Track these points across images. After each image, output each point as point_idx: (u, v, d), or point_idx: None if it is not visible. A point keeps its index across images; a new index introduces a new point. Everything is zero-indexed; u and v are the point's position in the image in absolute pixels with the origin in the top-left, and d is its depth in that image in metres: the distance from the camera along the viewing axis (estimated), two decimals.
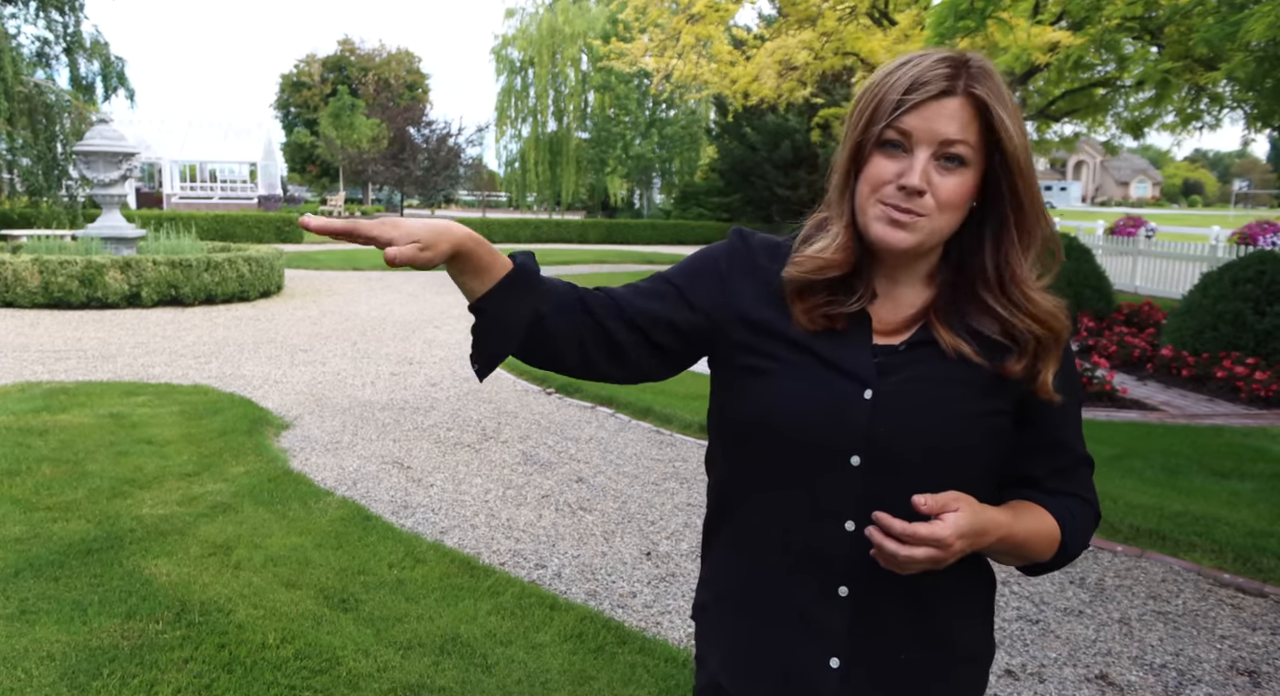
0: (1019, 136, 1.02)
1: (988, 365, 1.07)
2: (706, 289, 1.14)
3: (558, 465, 5.14)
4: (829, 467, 1.05)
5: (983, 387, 1.07)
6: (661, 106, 34.88)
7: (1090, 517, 1.16)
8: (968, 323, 1.08)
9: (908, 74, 1.02)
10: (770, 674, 1.13)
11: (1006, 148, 1.02)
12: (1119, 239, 15.64)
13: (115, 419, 5.70)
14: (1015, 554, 1.09)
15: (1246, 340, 7.65)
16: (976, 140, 1.02)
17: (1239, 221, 20.06)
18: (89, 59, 19.60)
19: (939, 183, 1.02)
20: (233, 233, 22.86)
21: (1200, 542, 3.97)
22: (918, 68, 1.02)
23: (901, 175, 1.02)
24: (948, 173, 1.02)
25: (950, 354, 1.07)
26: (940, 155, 1.02)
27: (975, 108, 1.01)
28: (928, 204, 1.02)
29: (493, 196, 52.23)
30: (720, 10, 13.43)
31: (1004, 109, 1.01)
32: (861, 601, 1.08)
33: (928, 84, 1.01)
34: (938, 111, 1.01)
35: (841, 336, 1.10)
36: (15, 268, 10.75)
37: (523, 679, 2.81)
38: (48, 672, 2.75)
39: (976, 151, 1.02)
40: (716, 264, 1.16)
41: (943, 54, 1.04)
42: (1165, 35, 9.71)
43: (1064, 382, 1.11)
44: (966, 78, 1.01)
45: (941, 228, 1.05)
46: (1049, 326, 1.07)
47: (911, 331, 1.10)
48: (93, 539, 3.78)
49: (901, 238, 1.04)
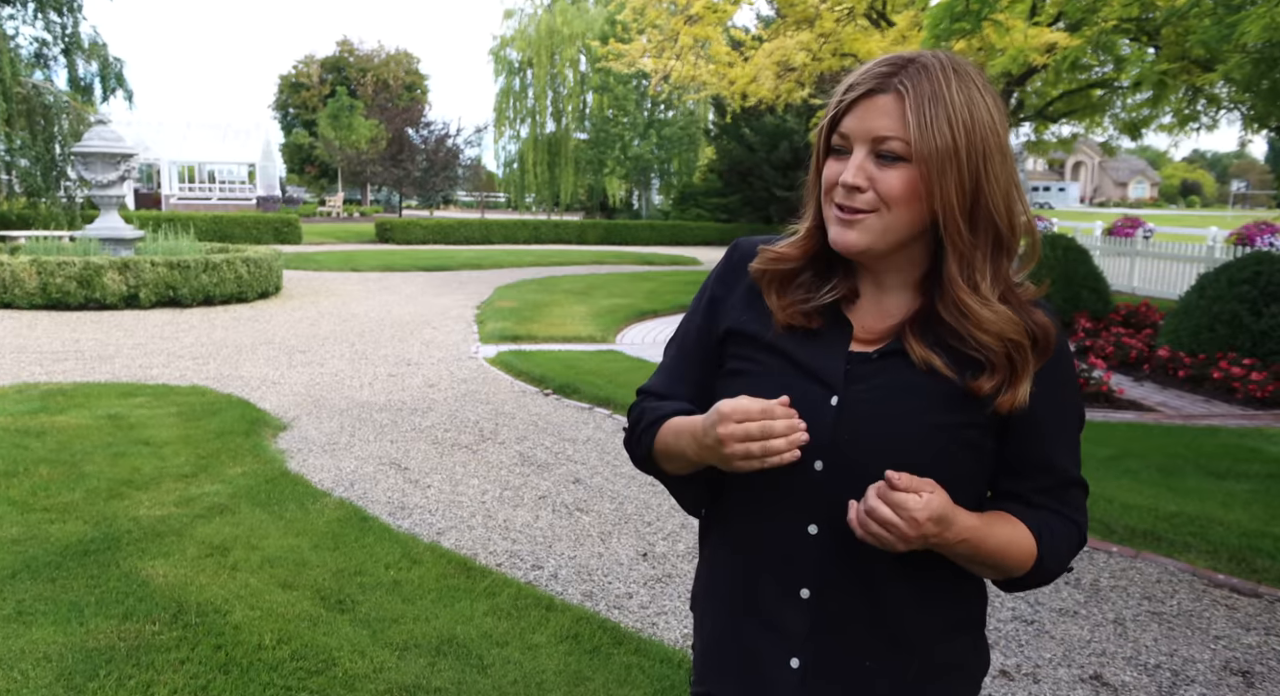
0: (948, 131, 1.00)
1: (958, 379, 1.05)
2: (706, 323, 1.21)
3: (555, 466, 5.15)
4: (793, 471, 1.06)
5: (951, 400, 1.06)
6: (660, 107, 34.88)
7: (1074, 537, 1.13)
8: (944, 336, 1.07)
9: (851, 78, 1.05)
10: (735, 669, 1.15)
11: (914, 141, 1.00)
12: (1117, 240, 15.66)
13: (113, 420, 5.70)
14: (986, 562, 1.07)
15: (1243, 341, 7.66)
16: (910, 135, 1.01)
17: (1236, 222, 20.07)
18: (87, 60, 19.61)
19: (878, 177, 1.03)
20: (231, 234, 22.84)
21: (1195, 543, 3.98)
22: (861, 72, 1.05)
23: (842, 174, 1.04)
24: (887, 167, 1.02)
25: (920, 366, 1.06)
26: (876, 152, 1.03)
27: (905, 101, 1.01)
28: (869, 199, 1.03)
29: (491, 197, 52.20)
30: (718, 11, 13.44)
31: (932, 103, 1.00)
32: (823, 604, 1.09)
33: (861, 84, 1.03)
34: (869, 109, 1.02)
35: (819, 340, 1.11)
36: (13, 269, 10.75)
37: (518, 679, 2.82)
38: (44, 674, 2.75)
39: (913, 146, 1.02)
40: (710, 290, 1.22)
41: (891, 57, 1.04)
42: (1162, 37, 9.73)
43: (1057, 400, 1.09)
44: (901, 75, 1.01)
45: (893, 226, 1.04)
46: (1001, 338, 1.04)
47: (889, 340, 1.10)
48: (90, 540, 3.78)
49: (852, 238, 1.05)
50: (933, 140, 1.00)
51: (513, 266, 18.84)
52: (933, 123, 1.00)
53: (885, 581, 1.08)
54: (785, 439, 0.99)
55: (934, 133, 1.00)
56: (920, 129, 1.00)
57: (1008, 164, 1.05)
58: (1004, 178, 1.04)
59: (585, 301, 12.58)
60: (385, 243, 25.43)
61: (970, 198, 1.03)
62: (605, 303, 12.47)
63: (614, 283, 15.38)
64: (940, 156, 1.00)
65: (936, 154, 1.00)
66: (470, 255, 21.14)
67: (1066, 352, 1.11)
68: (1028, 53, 8.24)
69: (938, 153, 1.00)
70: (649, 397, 1.23)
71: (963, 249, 1.04)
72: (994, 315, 1.04)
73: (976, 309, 1.03)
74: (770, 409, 1.00)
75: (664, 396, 1.21)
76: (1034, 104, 13.97)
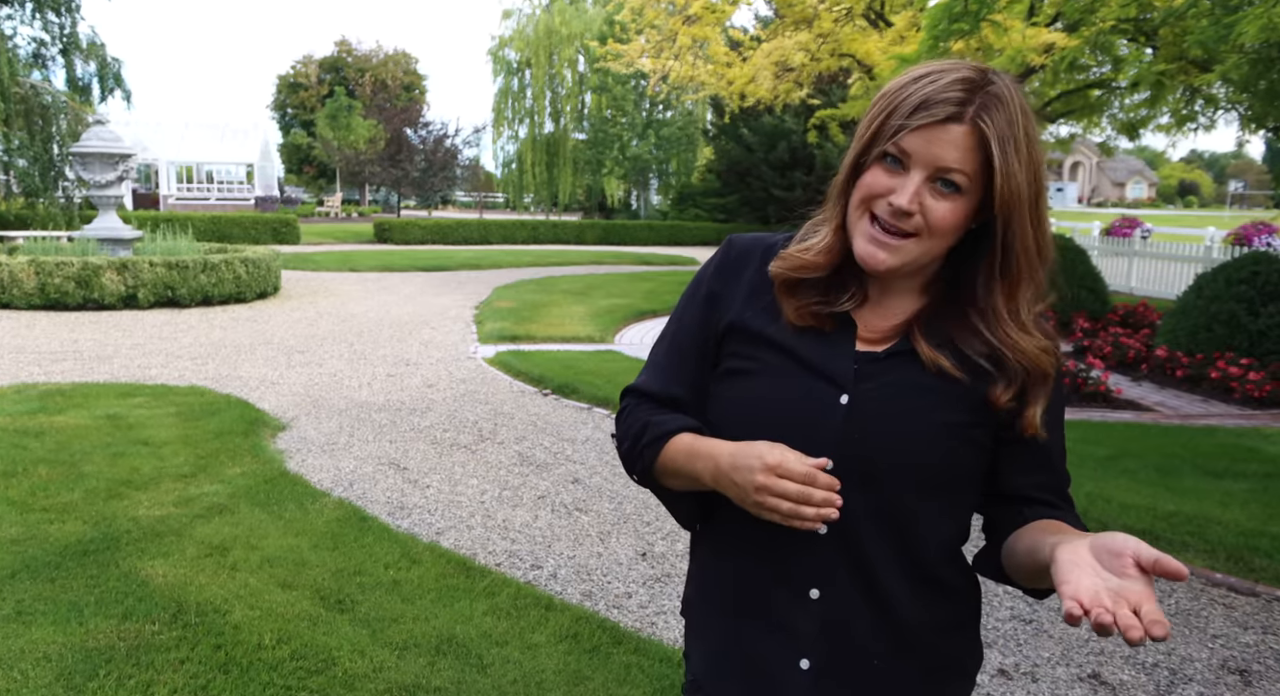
0: (1021, 174, 1.00)
1: (968, 380, 1.06)
2: (703, 318, 1.18)
3: (554, 466, 5.15)
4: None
5: (959, 400, 1.06)
6: (658, 107, 34.88)
7: None
8: (952, 339, 1.08)
9: (921, 91, 1.00)
10: (742, 672, 1.14)
11: (999, 187, 1.00)
12: (1115, 240, 15.69)
13: (111, 420, 5.70)
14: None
15: (1241, 341, 7.68)
16: (975, 170, 1.00)
17: (1234, 222, 20.11)
18: (85, 60, 19.61)
19: (931, 206, 1.01)
20: (229, 234, 22.83)
21: (1193, 542, 3.99)
22: (932, 86, 1.00)
23: (893, 192, 1.02)
24: (942, 197, 1.01)
25: (929, 366, 1.07)
26: (935, 178, 1.01)
27: (979, 137, 0.99)
28: (916, 223, 1.02)
29: (490, 197, 52.21)
30: (717, 12, 13.44)
31: (1010, 145, 0.99)
32: (832, 605, 1.09)
33: (936, 107, 0.99)
34: (940, 136, 0.99)
35: (826, 339, 1.10)
36: (11, 269, 10.74)
37: (518, 679, 2.82)
38: (44, 673, 2.75)
39: (974, 181, 1.01)
40: (707, 285, 1.19)
41: (963, 74, 1.01)
42: (1160, 37, 9.74)
43: (1056, 409, 1.11)
44: (979, 105, 0.99)
45: (928, 251, 1.04)
46: (1034, 365, 1.06)
47: (895, 340, 1.10)
48: (89, 540, 3.78)
49: (882, 259, 1.04)
50: (1012, 187, 1.00)
51: (511, 266, 18.84)
52: (1010, 166, 0.99)
53: (891, 580, 1.08)
54: (816, 511, 0.98)
55: (1013, 179, 0.99)
56: (1004, 176, 0.99)
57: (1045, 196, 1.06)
58: (1046, 211, 1.06)
59: (584, 301, 12.58)
60: (383, 243, 25.41)
61: (1020, 238, 1.04)
62: (604, 303, 12.47)
63: (612, 283, 15.38)
64: (1020, 201, 1.01)
65: (1017, 200, 1.00)
66: (468, 255, 21.14)
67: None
68: (1026, 53, 8.24)
69: (1017, 198, 1.00)
70: (643, 401, 1.19)
71: (1015, 286, 1.06)
72: (1034, 345, 1.06)
73: (1021, 342, 1.06)
74: (814, 475, 0.98)
75: (657, 397, 1.18)
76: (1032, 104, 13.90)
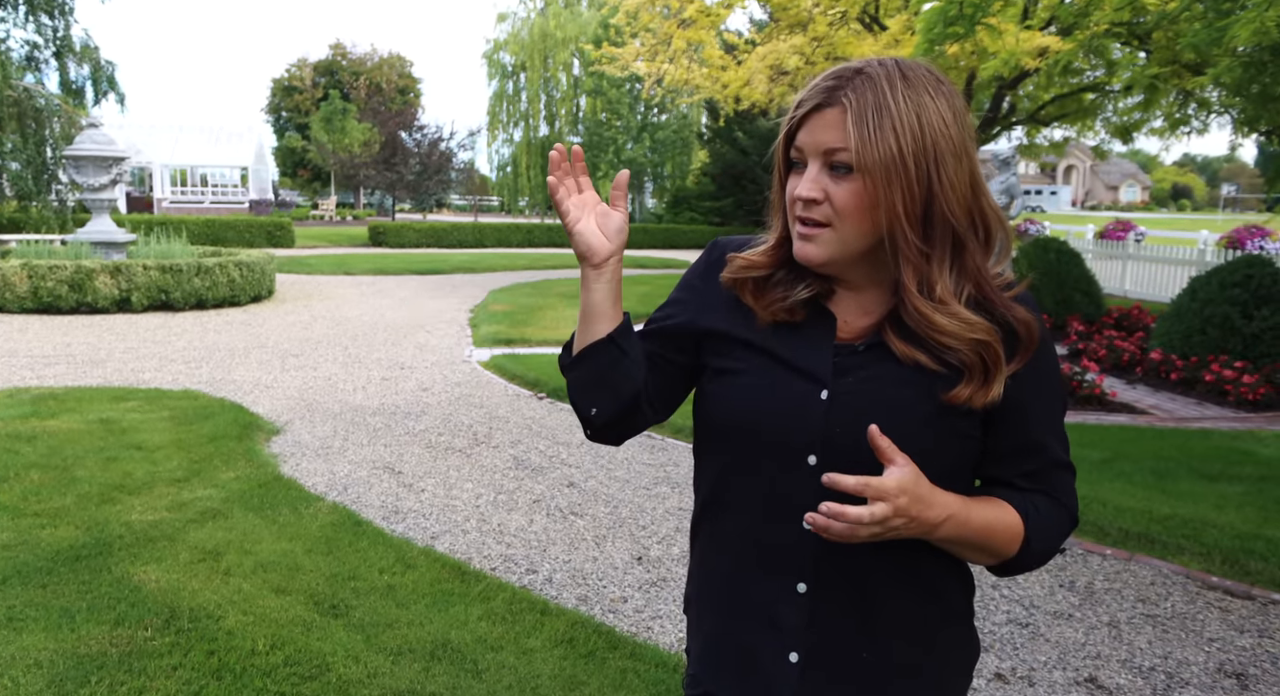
0: (894, 141, 1.00)
1: (944, 372, 1.06)
2: (681, 313, 1.21)
3: (549, 470, 5.14)
4: (787, 466, 1.08)
5: (938, 390, 1.06)
6: (653, 111, 34.96)
7: (1063, 517, 1.14)
8: (919, 334, 1.08)
9: (801, 94, 1.06)
10: (734, 666, 1.16)
11: (855, 153, 1.01)
12: (1108, 243, 15.74)
13: (104, 424, 5.68)
14: (971, 543, 1.08)
15: (1234, 343, 7.69)
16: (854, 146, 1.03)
17: (1227, 225, 20.17)
18: (79, 63, 19.59)
19: (834, 191, 1.04)
20: (224, 237, 22.78)
21: (1188, 546, 3.99)
22: (809, 86, 1.06)
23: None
24: (840, 180, 1.04)
25: (905, 360, 1.07)
26: (828, 164, 1.04)
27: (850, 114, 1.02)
28: (825, 212, 1.05)
29: (485, 201, 52.14)
30: (711, 15, 13.46)
31: (876, 114, 1.00)
32: (819, 598, 1.10)
33: (809, 99, 1.04)
34: (819, 123, 1.03)
35: (804, 334, 1.12)
36: (4, 272, 10.70)
37: (513, 684, 2.81)
38: (35, 680, 2.73)
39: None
40: (690, 284, 1.23)
41: (837, 68, 1.05)
42: (1153, 41, 9.77)
43: (1040, 385, 1.10)
44: (849, 88, 1.02)
45: (849, 238, 1.05)
46: (961, 340, 1.04)
47: (870, 336, 1.11)
48: (81, 545, 3.76)
49: (812, 251, 1.07)
50: (875, 151, 1.00)
51: (506, 270, 18.83)
52: (875, 133, 1.00)
53: (878, 573, 1.09)
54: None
55: (876, 143, 1.00)
56: (862, 140, 1.00)
57: (965, 165, 1.04)
58: (961, 180, 1.04)
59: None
60: (378, 246, 25.37)
61: (922, 204, 1.03)
62: None
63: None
64: (884, 167, 1.01)
65: (880, 164, 1.00)
66: (463, 259, 21.13)
67: (1047, 340, 1.12)
68: (1020, 56, 8.26)
69: (881, 163, 1.00)
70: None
71: (913, 257, 1.04)
72: (949, 320, 1.04)
73: (930, 315, 1.04)
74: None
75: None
76: (1026, 108, 14.00)
